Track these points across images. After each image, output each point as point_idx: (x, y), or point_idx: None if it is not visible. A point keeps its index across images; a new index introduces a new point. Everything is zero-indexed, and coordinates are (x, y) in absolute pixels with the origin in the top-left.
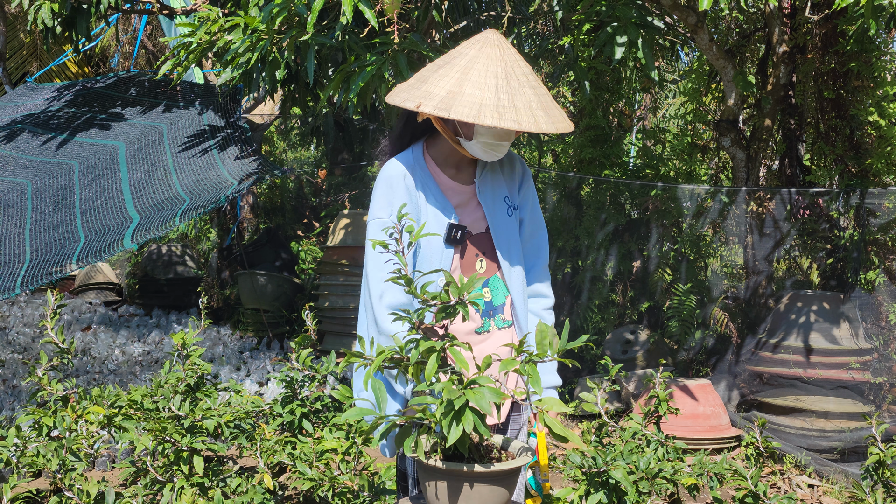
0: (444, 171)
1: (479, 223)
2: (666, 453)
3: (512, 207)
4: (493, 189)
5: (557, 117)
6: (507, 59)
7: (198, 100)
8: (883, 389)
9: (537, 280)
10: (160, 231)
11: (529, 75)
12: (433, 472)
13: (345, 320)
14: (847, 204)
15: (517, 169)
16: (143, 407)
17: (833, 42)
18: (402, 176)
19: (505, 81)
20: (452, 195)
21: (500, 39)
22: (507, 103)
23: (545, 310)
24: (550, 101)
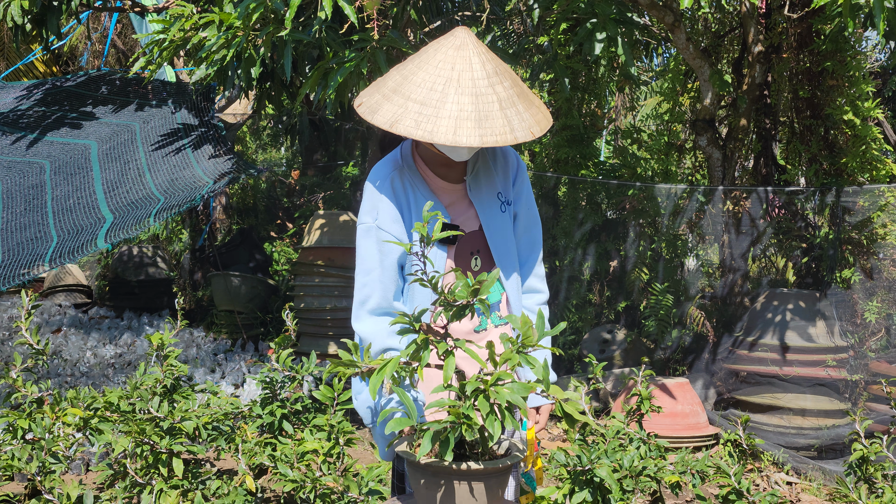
0: (433, 170)
1: (472, 221)
2: (648, 451)
3: (505, 203)
4: (486, 185)
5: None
6: (466, 63)
7: (171, 98)
8: (859, 387)
9: (532, 275)
10: (135, 231)
11: (494, 77)
12: (424, 471)
13: (321, 321)
14: (822, 202)
15: (511, 163)
16: (120, 409)
17: (808, 42)
18: (389, 179)
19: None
20: (442, 194)
21: (466, 41)
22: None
23: (539, 304)
24: (531, 100)
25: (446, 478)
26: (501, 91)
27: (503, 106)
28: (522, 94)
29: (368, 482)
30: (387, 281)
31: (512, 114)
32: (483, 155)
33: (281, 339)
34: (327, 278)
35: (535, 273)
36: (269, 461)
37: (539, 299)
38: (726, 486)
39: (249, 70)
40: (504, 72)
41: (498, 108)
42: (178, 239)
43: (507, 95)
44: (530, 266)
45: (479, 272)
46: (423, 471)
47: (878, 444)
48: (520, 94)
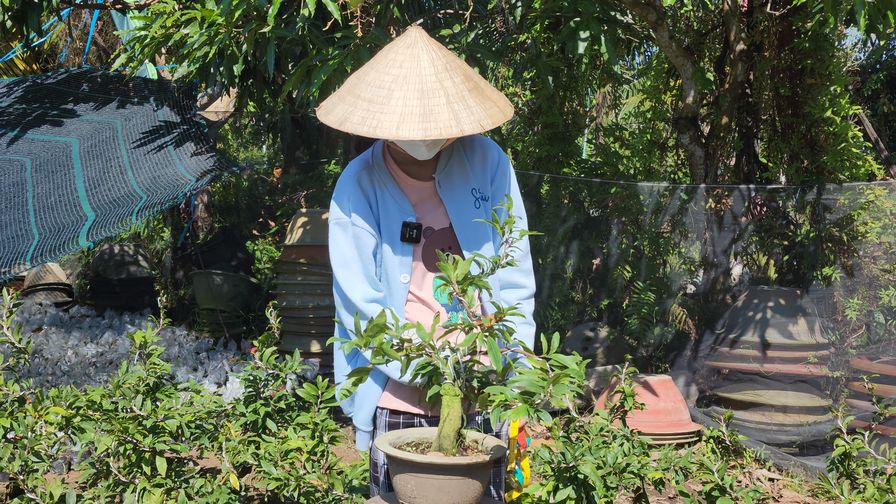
0: (403, 169)
1: (442, 218)
2: (632, 448)
3: (481, 199)
4: (459, 182)
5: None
6: (415, 61)
7: (152, 96)
8: (840, 383)
9: (513, 269)
10: (117, 229)
11: (443, 73)
12: (403, 465)
13: (303, 320)
14: (803, 200)
15: (490, 158)
16: (102, 408)
17: (789, 40)
18: (357, 178)
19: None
20: (411, 192)
21: (417, 39)
22: (419, 112)
23: (521, 299)
24: (485, 94)
25: (426, 472)
26: (450, 86)
27: (451, 100)
28: (475, 88)
29: (353, 480)
30: (369, 272)
31: (460, 108)
32: (458, 151)
33: (264, 337)
34: (310, 276)
35: (519, 268)
36: (253, 459)
37: (520, 294)
38: (709, 482)
39: (231, 67)
40: (455, 68)
41: (445, 103)
42: (159, 237)
43: (455, 90)
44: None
45: None
46: (404, 465)
47: (860, 440)
48: (472, 88)
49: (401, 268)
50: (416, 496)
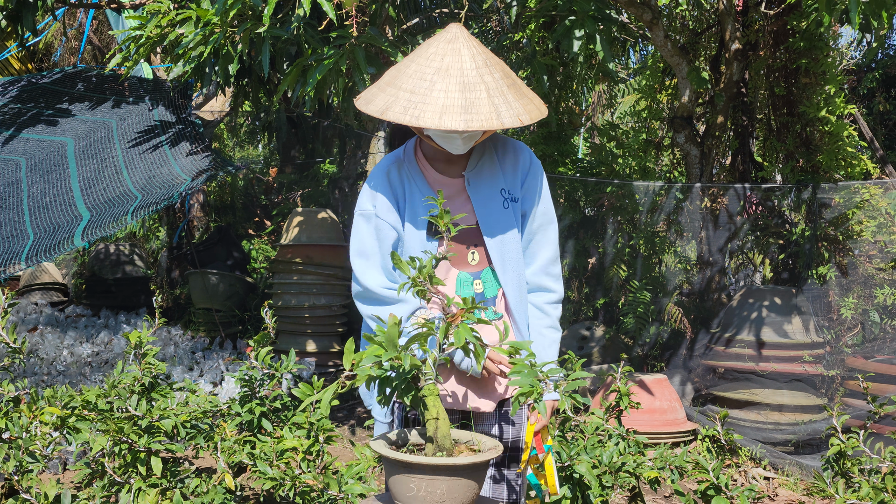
0: (433, 166)
1: (470, 216)
2: (627, 447)
3: (510, 200)
4: (488, 181)
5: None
6: (456, 55)
7: (147, 95)
8: (835, 382)
9: (542, 273)
10: (112, 229)
11: (483, 68)
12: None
13: (299, 319)
14: (798, 199)
15: (522, 161)
16: (98, 408)
17: (784, 39)
18: (387, 171)
19: (443, 76)
20: (439, 188)
21: (458, 35)
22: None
23: (549, 304)
24: (522, 91)
25: (421, 472)
26: (490, 81)
27: (491, 94)
28: (514, 85)
29: (348, 479)
30: (387, 265)
31: (500, 102)
32: (490, 151)
33: (260, 337)
34: (305, 276)
35: (548, 272)
36: (249, 459)
37: (548, 298)
38: (705, 481)
39: (227, 67)
40: (494, 64)
41: (486, 96)
42: (155, 237)
43: (496, 85)
44: (542, 264)
45: (476, 266)
46: (396, 466)
47: (855, 439)
48: (510, 84)
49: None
50: (409, 497)
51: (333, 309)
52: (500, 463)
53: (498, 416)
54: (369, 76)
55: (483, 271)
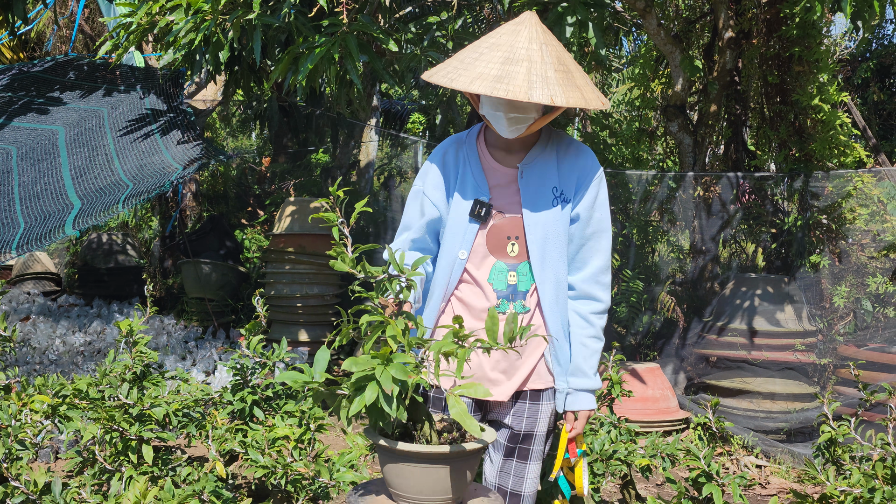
0: (492, 153)
1: (516, 207)
2: (619, 435)
3: (560, 199)
4: (541, 176)
5: (539, 87)
6: (514, 35)
7: (139, 83)
8: (828, 370)
9: (590, 281)
10: (103, 217)
11: (535, 51)
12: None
13: (292, 309)
14: (791, 188)
15: (583, 164)
16: (89, 396)
17: (777, 27)
18: (444, 151)
19: (493, 49)
20: (492, 175)
21: (525, 20)
22: (496, 73)
23: (594, 313)
24: (573, 80)
25: (412, 460)
26: (537, 59)
27: (531, 71)
28: (565, 71)
29: (340, 467)
30: (417, 241)
31: (537, 79)
32: (551, 148)
33: (251, 326)
34: (298, 265)
35: (598, 280)
36: (240, 447)
37: (594, 307)
38: (696, 469)
39: (217, 54)
40: (552, 51)
41: (524, 71)
42: (147, 226)
43: (541, 65)
44: (593, 272)
45: (515, 258)
46: (391, 454)
47: (847, 427)
48: (560, 70)
49: (462, 243)
50: (402, 484)
51: (326, 298)
52: (508, 453)
53: (512, 407)
54: (361, 64)
55: (521, 264)
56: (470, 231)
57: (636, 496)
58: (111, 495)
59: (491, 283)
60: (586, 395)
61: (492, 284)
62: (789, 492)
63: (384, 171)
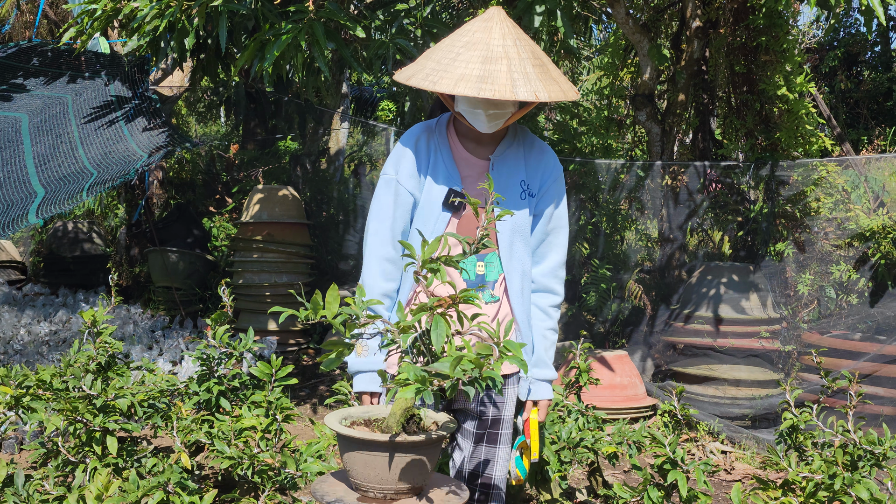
0: (463, 143)
1: (486, 198)
2: (586, 423)
3: (527, 192)
4: (511, 170)
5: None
6: (486, 32)
7: (104, 70)
8: (792, 357)
9: (549, 275)
10: (67, 205)
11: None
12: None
13: (260, 297)
14: (757, 177)
15: (546, 162)
16: (53, 387)
17: (743, 16)
18: (416, 138)
19: (469, 49)
20: (464, 165)
21: (494, 15)
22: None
23: (552, 306)
24: (549, 73)
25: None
26: (514, 56)
27: (512, 69)
28: (541, 66)
29: (307, 458)
30: (396, 231)
31: (519, 77)
32: (518, 143)
33: (217, 315)
34: (267, 254)
35: (556, 275)
36: (206, 438)
37: (553, 301)
38: (661, 455)
39: (182, 41)
40: (525, 45)
41: (506, 70)
42: (114, 214)
43: (519, 62)
44: (552, 267)
45: (483, 249)
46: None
47: (808, 413)
48: (536, 64)
49: (432, 232)
50: (362, 473)
51: (295, 287)
52: (477, 440)
53: (480, 394)
54: (329, 51)
55: (489, 254)
56: (441, 220)
57: (603, 483)
58: (74, 487)
59: (460, 272)
60: (546, 384)
61: (461, 274)
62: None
63: (354, 159)
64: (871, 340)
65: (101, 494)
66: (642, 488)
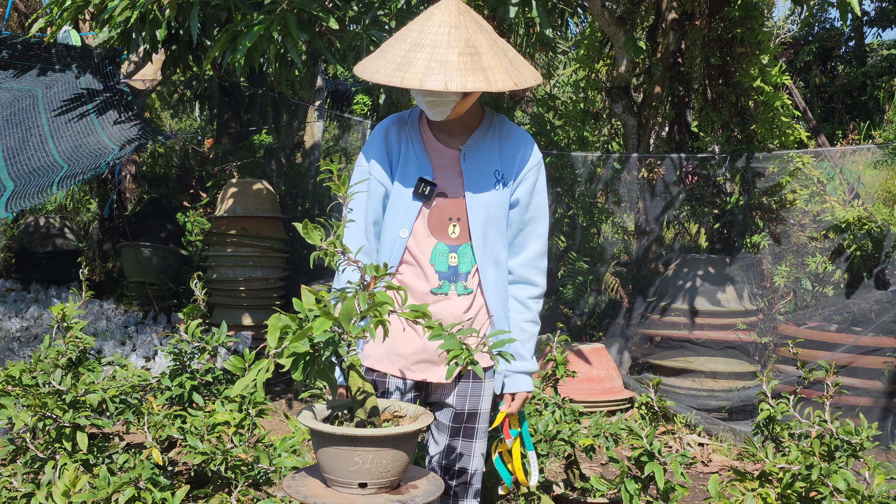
0: (434, 133)
1: (458, 189)
2: (563, 415)
3: (501, 183)
4: (484, 159)
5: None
6: (437, 22)
7: (74, 63)
8: (768, 349)
9: (529, 266)
10: (37, 199)
11: (444, 35)
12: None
13: (234, 292)
14: (733, 169)
15: (524, 150)
16: (22, 383)
17: (719, 9)
18: (387, 129)
19: (413, 42)
20: (435, 155)
21: (446, 4)
22: (398, 61)
23: (531, 298)
24: (479, 62)
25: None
26: (442, 45)
27: (432, 57)
28: (471, 54)
29: (281, 453)
30: (369, 222)
31: (436, 65)
32: (492, 132)
33: (189, 310)
34: (241, 248)
35: (535, 265)
36: (179, 434)
37: (532, 292)
38: (638, 448)
39: (154, 32)
40: (461, 34)
41: (425, 58)
42: (86, 209)
43: (445, 50)
44: (530, 257)
45: (455, 240)
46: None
47: (785, 404)
48: (466, 54)
49: (403, 222)
50: (337, 468)
51: (270, 281)
52: (453, 434)
53: (455, 388)
54: (302, 43)
55: (461, 246)
56: (412, 210)
57: (580, 476)
58: (43, 484)
59: (432, 264)
60: (524, 377)
61: (433, 266)
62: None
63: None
64: (846, 332)
65: (68, 490)
66: (619, 481)
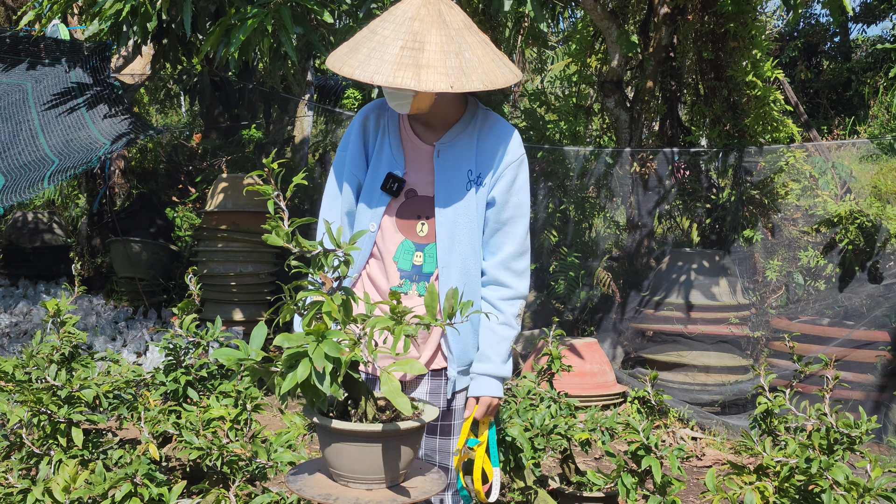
0: (412, 125)
1: (429, 187)
2: (559, 410)
3: (474, 182)
4: (458, 158)
5: (400, 74)
6: (398, 14)
7: (64, 57)
8: (760, 343)
9: (501, 267)
10: (28, 194)
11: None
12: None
13: (225, 287)
14: (725, 163)
15: (504, 146)
16: (15, 378)
17: (712, 3)
18: (365, 116)
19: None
20: (409, 149)
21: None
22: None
23: (502, 300)
24: (417, 59)
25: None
26: (390, 37)
27: (374, 49)
28: (413, 48)
29: (277, 448)
30: (345, 211)
31: (374, 55)
32: (472, 128)
33: (184, 304)
34: (232, 243)
35: (508, 267)
36: (174, 429)
37: (503, 294)
38: (635, 442)
39: (145, 25)
40: (411, 28)
41: (367, 50)
42: (74, 204)
43: (392, 42)
44: (503, 258)
45: (423, 238)
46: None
47: (782, 398)
48: (408, 48)
49: (371, 216)
50: (337, 462)
51: (261, 277)
52: (430, 431)
53: (428, 386)
54: (296, 36)
55: (428, 245)
56: (381, 203)
57: (576, 470)
58: (39, 479)
59: (396, 261)
60: (490, 380)
61: (396, 263)
62: (725, 463)
63: (319, 148)
64: (839, 325)
65: (67, 486)
66: (616, 475)
